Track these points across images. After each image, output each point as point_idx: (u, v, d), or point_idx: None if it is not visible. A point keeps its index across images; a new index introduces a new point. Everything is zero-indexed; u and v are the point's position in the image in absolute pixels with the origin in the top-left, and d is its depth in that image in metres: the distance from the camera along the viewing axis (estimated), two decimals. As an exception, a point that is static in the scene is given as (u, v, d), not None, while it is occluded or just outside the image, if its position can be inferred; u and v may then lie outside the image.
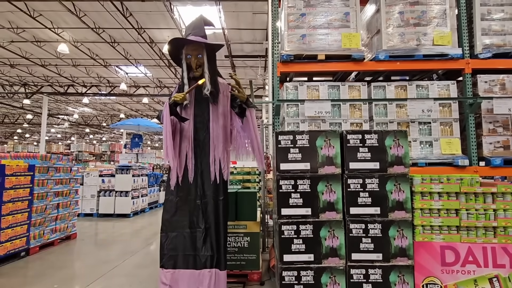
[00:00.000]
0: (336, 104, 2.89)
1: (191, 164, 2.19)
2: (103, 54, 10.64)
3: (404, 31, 2.88)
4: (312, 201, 1.98)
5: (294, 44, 2.87)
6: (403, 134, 2.01)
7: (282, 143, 2.00)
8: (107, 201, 6.48)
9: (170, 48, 2.27)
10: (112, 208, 6.48)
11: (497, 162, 2.73)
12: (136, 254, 3.85)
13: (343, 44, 2.84)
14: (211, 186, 2.17)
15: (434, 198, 1.98)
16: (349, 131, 2.01)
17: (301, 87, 2.92)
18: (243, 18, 7.90)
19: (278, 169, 1.99)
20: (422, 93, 2.90)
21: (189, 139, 2.21)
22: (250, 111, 2.13)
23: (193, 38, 2.15)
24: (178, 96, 2.07)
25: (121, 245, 4.33)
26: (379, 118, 2.88)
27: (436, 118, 2.84)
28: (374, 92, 2.92)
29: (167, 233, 2.17)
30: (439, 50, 2.84)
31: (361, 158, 1.99)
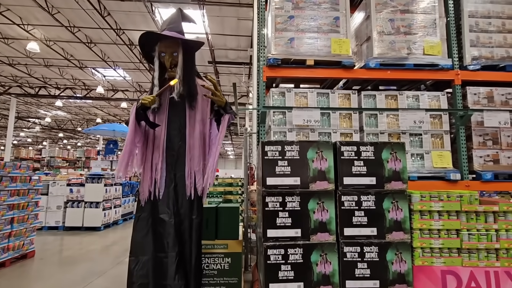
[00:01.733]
0: (326, 113, 2.71)
1: (163, 177, 1.89)
2: (79, 55, 10.07)
3: (395, 39, 2.77)
4: (302, 221, 1.74)
5: (282, 47, 2.68)
6: (400, 147, 1.84)
7: (269, 155, 1.77)
8: (75, 212, 5.93)
9: (142, 43, 1.99)
10: (80, 221, 5.92)
11: (488, 176, 2.64)
12: (104, 275, 3.43)
13: (333, 49, 2.69)
14: (185, 202, 1.88)
15: (434, 217, 1.81)
16: (343, 142, 1.81)
17: (288, 93, 2.72)
18: (227, 23, 7.73)
19: (264, 184, 1.74)
20: (413, 103, 2.79)
21: (160, 149, 1.92)
22: (226, 118, 1.88)
23: (168, 33, 1.89)
24: (147, 98, 1.79)
25: (87, 264, 3.87)
26: (369, 128, 2.73)
27: (427, 130, 2.73)
28: (364, 101, 2.77)
29: (137, 257, 1.84)
30: (429, 60, 2.75)
31: (356, 172, 1.79)
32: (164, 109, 1.99)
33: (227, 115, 1.83)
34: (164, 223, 1.85)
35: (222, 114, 1.83)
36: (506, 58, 2.83)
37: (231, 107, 1.86)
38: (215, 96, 1.80)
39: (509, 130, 2.77)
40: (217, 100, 1.80)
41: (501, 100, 2.81)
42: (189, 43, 1.97)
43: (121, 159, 1.88)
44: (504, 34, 2.87)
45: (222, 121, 1.82)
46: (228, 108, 1.83)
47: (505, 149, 2.75)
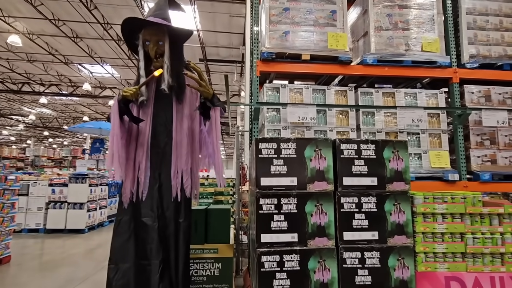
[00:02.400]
0: (322, 110, 2.58)
1: (147, 176, 1.72)
2: (64, 50, 9.68)
3: (393, 34, 2.68)
4: (299, 224, 1.60)
5: (276, 41, 2.54)
6: (403, 145, 1.72)
7: (263, 153, 1.62)
8: (57, 214, 5.63)
9: (125, 30, 1.81)
10: (63, 223, 5.63)
11: (486, 177, 2.57)
12: (86, 281, 3.21)
13: (330, 44, 2.57)
14: (171, 204, 1.72)
15: (437, 220, 1.70)
16: (343, 140, 1.68)
17: (283, 89, 2.58)
18: (219, 20, 7.55)
19: (258, 184, 1.60)
20: (411, 101, 2.70)
21: (145, 146, 1.75)
22: (215, 112, 1.70)
23: (152, 20, 1.72)
24: (129, 90, 1.61)
25: (68, 269, 3.63)
26: (366, 127, 2.63)
27: (425, 128, 2.65)
28: (361, 99, 2.67)
29: (117, 265, 1.66)
30: (427, 57, 2.67)
31: (357, 172, 1.66)
32: (150, 102, 1.81)
33: (216, 108, 1.66)
34: (147, 227, 1.68)
35: (209, 108, 1.66)
36: (504, 56, 2.78)
37: (219, 100, 1.70)
38: (200, 86, 1.63)
39: (507, 130, 2.72)
40: (202, 91, 1.63)
41: (498, 99, 2.76)
42: (176, 31, 1.81)
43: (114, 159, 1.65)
44: (502, 32, 2.82)
45: (211, 116, 1.66)
46: (215, 100, 1.66)
47: (503, 149, 2.69)
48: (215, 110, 1.66)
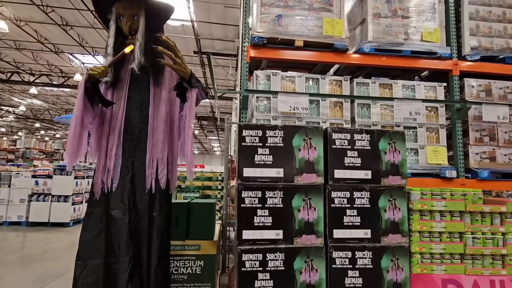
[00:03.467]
0: (315, 101, 2.43)
1: (118, 165, 1.55)
2: (54, 39, 9.35)
3: (392, 22, 2.52)
4: (285, 220, 1.45)
5: (268, 25, 2.37)
6: (400, 136, 1.58)
7: (247, 141, 1.46)
8: (40, 207, 5.41)
9: (96, 2, 1.63)
10: (46, 216, 5.42)
11: (485, 174, 2.45)
12: (63, 276, 3.03)
13: (325, 30, 2.41)
14: (145, 197, 1.55)
15: (435, 218, 1.57)
16: (335, 129, 1.53)
17: (274, 77, 2.42)
18: (214, 11, 7.32)
19: (240, 175, 1.44)
20: (408, 94, 2.56)
21: (116, 131, 1.57)
22: (192, 93, 1.49)
23: None
24: (96, 69, 1.43)
25: (47, 263, 3.45)
26: (361, 119, 2.48)
27: (423, 123, 2.51)
28: (356, 89, 2.52)
29: (85, 261, 1.50)
30: (427, 47, 2.52)
31: (349, 164, 1.52)
32: (124, 84, 1.64)
33: (193, 89, 1.48)
34: (116, 221, 1.50)
35: (186, 89, 1.48)
36: (506, 49, 2.65)
37: (198, 81, 1.53)
38: (175, 64, 1.44)
39: (506, 126, 2.60)
40: (177, 69, 1.44)
41: (499, 94, 2.63)
42: (155, 6, 1.63)
43: (68, 146, 1.51)
44: (505, 24, 2.69)
45: (188, 98, 1.48)
46: (194, 81, 1.48)
47: (502, 146, 2.57)
48: (192, 92, 1.48)
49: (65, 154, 1.60)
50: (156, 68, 1.62)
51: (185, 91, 1.48)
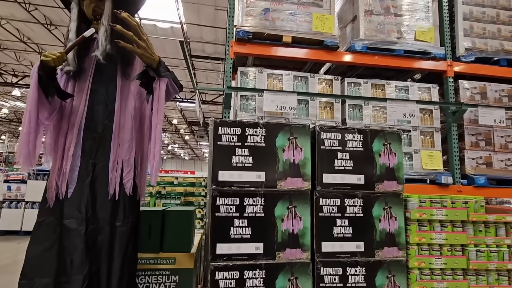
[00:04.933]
0: (303, 100, 2.27)
1: (76, 167, 1.34)
2: (37, 38, 9.02)
3: (384, 20, 2.41)
4: (267, 232, 1.26)
5: (254, 19, 2.22)
6: (396, 137, 1.42)
7: (223, 140, 1.27)
8: (12, 214, 5.05)
9: None
10: (19, 224, 5.05)
11: (481, 181, 2.32)
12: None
13: (314, 26, 2.27)
14: (107, 203, 1.33)
15: (435, 229, 1.40)
16: (324, 128, 1.36)
17: (260, 74, 2.25)
18: (204, 13, 7.19)
19: (215, 179, 1.25)
20: (402, 95, 2.44)
21: (75, 128, 1.36)
22: (160, 84, 1.27)
23: None
24: (50, 55, 1.23)
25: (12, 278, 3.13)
26: (353, 121, 2.34)
27: (417, 126, 2.38)
28: (348, 90, 2.38)
29: (32, 280, 1.27)
30: (421, 47, 2.41)
31: (340, 167, 1.34)
32: (87, 75, 1.43)
33: (162, 79, 1.28)
34: (70, 232, 1.28)
35: (153, 79, 1.28)
36: (500, 51, 2.57)
37: (169, 70, 1.34)
38: (138, 47, 1.21)
39: (502, 130, 2.49)
40: (141, 54, 1.21)
41: (495, 97, 2.53)
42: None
43: (20, 145, 1.30)
44: (498, 25, 2.61)
45: (155, 89, 1.28)
46: (162, 69, 1.29)
47: (498, 151, 2.46)
48: (160, 82, 1.28)
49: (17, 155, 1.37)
50: (124, 57, 1.42)
51: (152, 81, 1.29)
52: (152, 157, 1.27)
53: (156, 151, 1.26)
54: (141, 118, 1.47)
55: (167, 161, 41.80)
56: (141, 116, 1.47)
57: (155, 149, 1.27)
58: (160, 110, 1.29)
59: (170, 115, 18.18)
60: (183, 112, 16.38)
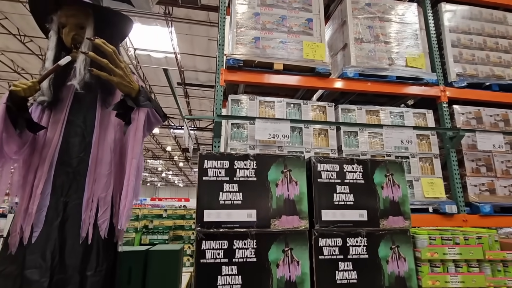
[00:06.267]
0: (297, 128, 2.19)
1: (44, 206, 1.18)
2: (31, 69, 9.06)
3: (375, 47, 2.41)
4: (260, 280, 1.09)
5: (245, 47, 2.19)
6: (398, 167, 1.31)
7: (210, 174, 1.14)
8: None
9: (33, 7, 1.37)
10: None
11: (487, 209, 2.20)
12: None
13: (305, 54, 2.25)
14: (77, 249, 1.16)
15: (449, 270, 1.25)
16: (321, 159, 1.25)
17: (251, 101, 2.18)
18: (197, 43, 7.36)
19: (200, 220, 1.10)
20: (397, 121, 2.38)
21: (47, 163, 1.23)
22: (139, 114, 1.15)
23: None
24: (20, 84, 1.13)
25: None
26: (349, 148, 2.24)
27: (415, 152, 2.30)
28: (342, 116, 2.31)
29: None
30: (413, 73, 2.40)
31: (340, 202, 1.21)
32: (65, 105, 1.32)
33: (141, 110, 1.17)
34: (31, 285, 1.10)
35: (131, 109, 1.17)
36: (491, 76, 2.57)
37: (151, 99, 1.23)
38: (115, 76, 1.11)
39: (502, 155, 2.42)
40: (118, 83, 1.11)
41: (490, 121, 2.49)
42: (107, 15, 1.38)
43: None
44: (486, 51, 2.64)
45: (133, 120, 1.17)
46: (142, 99, 1.18)
47: (500, 177, 2.36)
48: (139, 113, 1.17)
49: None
50: (104, 86, 1.32)
51: (130, 111, 1.17)
52: (124, 196, 1.12)
53: (129, 189, 1.12)
54: (121, 151, 1.34)
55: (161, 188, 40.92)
56: (121, 149, 1.34)
57: (128, 187, 1.12)
58: (137, 143, 1.17)
59: (164, 142, 18.07)
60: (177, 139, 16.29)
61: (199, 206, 1.10)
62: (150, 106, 1.20)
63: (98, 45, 1.07)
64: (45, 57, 1.33)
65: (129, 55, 7.61)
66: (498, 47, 2.67)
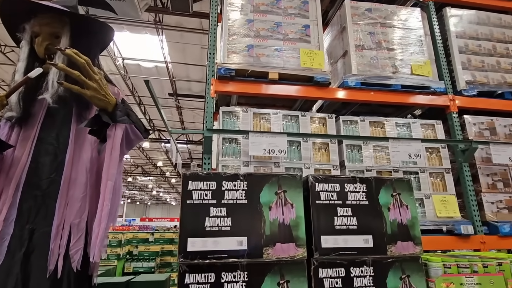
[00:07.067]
0: (295, 142, 2.15)
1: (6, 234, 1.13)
2: (12, 80, 9.10)
3: (377, 55, 2.42)
4: (251, 319, 1.02)
5: (237, 56, 2.19)
6: (405, 186, 1.27)
7: (194, 197, 1.09)
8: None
9: (3, 16, 1.36)
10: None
11: (506, 229, 2.14)
12: None
13: (302, 62, 2.25)
14: (43, 284, 1.10)
15: (467, 303, 1.18)
16: (319, 177, 1.20)
17: (244, 114, 2.16)
18: (190, 52, 7.45)
19: (183, 250, 1.04)
20: (404, 133, 2.35)
21: (13, 184, 1.18)
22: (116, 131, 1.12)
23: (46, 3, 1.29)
24: None
25: None
26: (352, 164, 2.20)
27: (424, 167, 2.26)
28: (344, 129, 2.28)
29: None
30: (419, 81, 2.40)
31: (342, 227, 1.16)
32: (36, 121, 1.29)
33: (118, 126, 1.14)
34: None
35: (107, 125, 1.13)
36: (503, 84, 2.58)
37: (129, 114, 1.20)
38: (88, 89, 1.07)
39: (520, 169, 2.38)
40: (92, 97, 1.08)
41: (505, 132, 2.48)
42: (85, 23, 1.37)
43: None
44: (497, 58, 2.66)
45: (109, 137, 1.13)
46: (119, 113, 1.15)
47: (519, 193, 2.32)
48: (116, 129, 1.13)
49: None
50: (80, 100, 1.29)
51: (105, 127, 1.14)
52: (97, 224, 1.07)
53: (103, 216, 1.07)
54: (98, 171, 1.29)
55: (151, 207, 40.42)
56: (98, 169, 1.30)
57: (102, 212, 1.07)
58: (113, 163, 1.13)
59: (154, 156, 18.00)
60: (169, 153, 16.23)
61: (183, 234, 1.04)
62: (128, 122, 1.17)
63: (69, 55, 1.05)
64: (15, 69, 1.31)
65: (117, 65, 7.67)
66: (509, 52, 2.69)
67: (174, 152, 3.38)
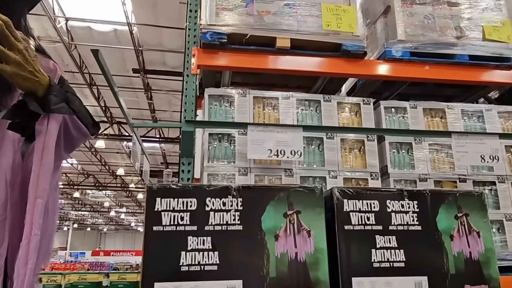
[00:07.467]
0: (316, 139, 2.20)
1: None
2: None
3: (433, 12, 2.45)
4: None
5: (231, 14, 2.21)
6: (476, 202, 1.27)
7: (164, 221, 1.08)
8: None
9: None
10: None
11: None
12: None
13: (325, 23, 2.27)
14: None
15: None
16: (349, 191, 1.20)
17: (241, 98, 2.19)
18: (163, 9, 7.47)
19: (149, 299, 1.03)
20: (473, 125, 2.37)
21: None
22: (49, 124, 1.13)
23: None
24: None
25: None
26: (399, 170, 2.25)
27: (504, 175, 2.29)
28: (386, 119, 2.32)
29: None
30: (495, 50, 2.46)
31: (383, 264, 1.16)
32: None
33: (51, 116, 1.13)
34: None
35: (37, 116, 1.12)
36: None
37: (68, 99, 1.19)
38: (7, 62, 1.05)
39: None
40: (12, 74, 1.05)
41: None
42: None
43: None
44: None
45: (38, 133, 1.12)
46: (54, 99, 1.13)
47: None
48: (50, 121, 1.13)
49: None
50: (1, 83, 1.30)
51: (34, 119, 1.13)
52: (22, 264, 1.07)
53: (30, 251, 1.07)
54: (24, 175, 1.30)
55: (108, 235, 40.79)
56: (25, 181, 1.30)
57: (28, 246, 1.07)
58: (44, 172, 1.13)
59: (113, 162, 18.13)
60: (134, 156, 16.33)
61: (147, 276, 1.04)
62: (68, 112, 1.17)
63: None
64: None
65: (58, 28, 7.72)
66: None
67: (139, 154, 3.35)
